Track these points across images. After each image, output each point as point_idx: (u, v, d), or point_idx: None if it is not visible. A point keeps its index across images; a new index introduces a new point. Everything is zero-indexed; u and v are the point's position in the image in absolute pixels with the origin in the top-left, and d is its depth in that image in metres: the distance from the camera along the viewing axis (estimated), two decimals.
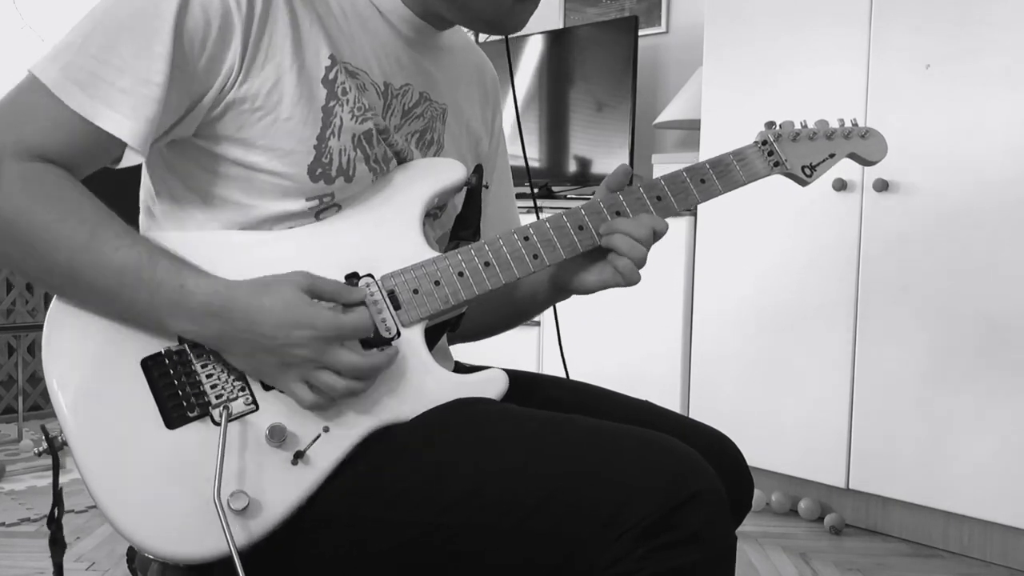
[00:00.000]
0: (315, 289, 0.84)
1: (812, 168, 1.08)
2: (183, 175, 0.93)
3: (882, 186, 2.17)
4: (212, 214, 0.92)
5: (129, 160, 0.85)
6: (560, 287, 1.06)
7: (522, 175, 1.38)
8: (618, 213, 0.99)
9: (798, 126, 1.08)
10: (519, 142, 1.30)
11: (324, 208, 0.93)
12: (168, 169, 0.94)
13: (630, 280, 0.98)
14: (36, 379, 3.53)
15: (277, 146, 0.88)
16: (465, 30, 1.09)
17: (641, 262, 0.97)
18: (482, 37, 3.60)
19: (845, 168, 2.22)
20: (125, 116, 0.82)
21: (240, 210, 0.91)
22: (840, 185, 2.24)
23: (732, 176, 1.03)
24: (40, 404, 3.57)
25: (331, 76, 0.91)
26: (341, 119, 0.91)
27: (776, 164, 1.06)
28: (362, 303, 0.88)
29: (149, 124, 0.83)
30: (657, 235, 0.98)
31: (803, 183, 1.08)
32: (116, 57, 0.82)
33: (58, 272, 0.82)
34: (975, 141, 2.05)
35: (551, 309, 1.24)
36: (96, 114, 0.82)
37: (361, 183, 0.94)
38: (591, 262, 1.01)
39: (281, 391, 0.86)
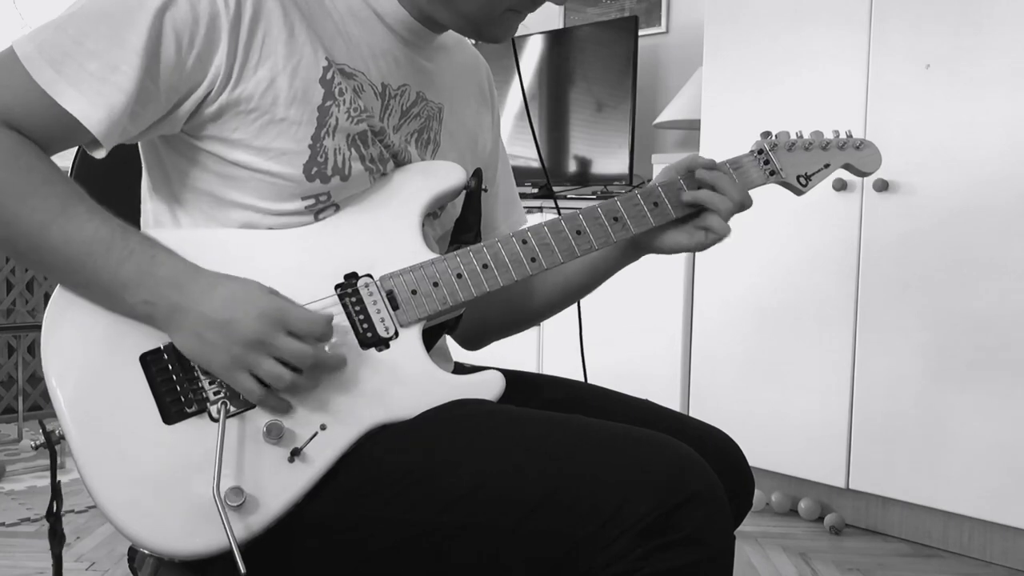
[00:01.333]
0: (277, 292, 0.84)
1: (807, 178, 1.09)
2: (180, 175, 0.93)
3: (882, 186, 2.17)
4: (210, 213, 0.93)
5: (101, 151, 0.85)
6: (639, 247, 1.07)
7: (530, 175, 1.38)
8: (616, 219, 1.00)
9: (793, 136, 1.10)
10: (524, 143, 1.30)
11: (322, 208, 0.93)
12: (166, 169, 0.95)
13: (721, 237, 1.03)
14: (36, 379, 3.53)
15: (272, 146, 0.89)
16: None
17: (727, 215, 1.02)
18: None
19: None
20: (84, 97, 0.82)
21: (237, 209, 0.91)
22: (840, 185, 2.24)
23: None
24: (40, 404, 3.57)
25: (328, 76, 0.91)
26: (337, 119, 0.91)
27: (772, 173, 1.08)
28: (327, 320, 0.84)
29: (111, 112, 0.83)
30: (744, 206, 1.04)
31: (798, 192, 1.10)
32: (91, 41, 0.83)
33: (23, 239, 0.82)
34: (975, 141, 2.05)
35: (575, 314, 1.23)
36: (58, 91, 0.82)
37: (358, 183, 0.94)
38: (678, 225, 1.04)
39: (226, 382, 0.84)
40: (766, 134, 1.09)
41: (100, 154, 0.86)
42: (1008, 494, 2.02)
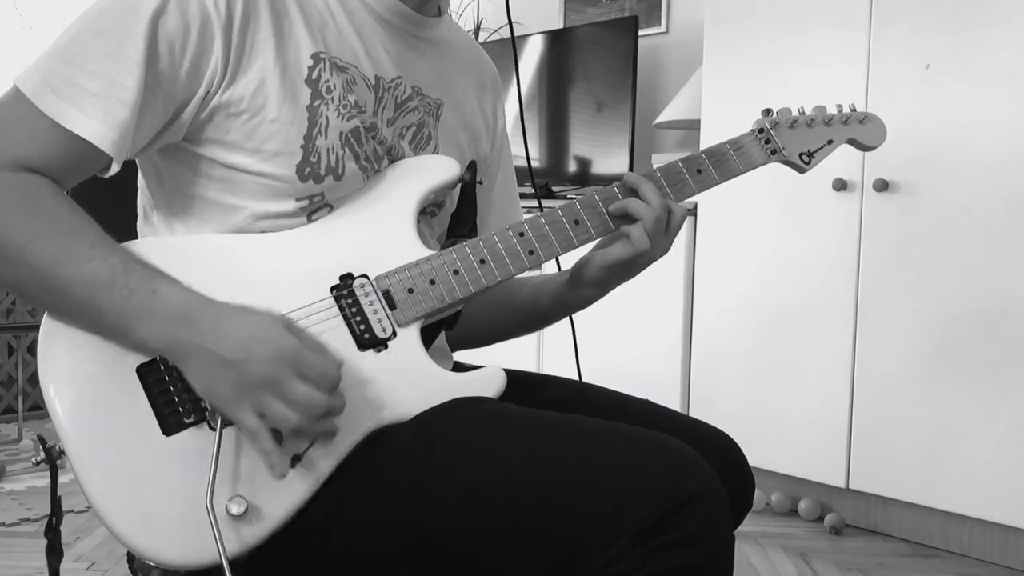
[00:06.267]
0: (292, 328, 0.83)
1: (810, 155, 1.07)
2: (173, 180, 0.93)
3: (882, 186, 2.17)
4: (204, 217, 0.92)
5: (113, 168, 0.85)
6: (572, 277, 1.03)
7: (524, 175, 1.38)
8: None
9: (795, 113, 1.07)
10: (522, 141, 1.30)
11: (316, 209, 0.92)
12: (159, 175, 0.94)
13: (640, 247, 0.95)
14: (36, 379, 3.52)
15: (264, 148, 0.88)
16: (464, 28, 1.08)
17: (654, 225, 0.95)
18: (482, 36, 3.59)
19: (845, 168, 2.22)
20: (93, 118, 0.82)
21: (231, 212, 0.91)
22: (840, 185, 2.24)
23: (729, 166, 1.03)
24: (40, 404, 3.57)
25: (314, 76, 0.91)
26: (327, 118, 0.91)
27: (773, 152, 1.05)
28: (338, 367, 0.82)
29: (120, 128, 0.83)
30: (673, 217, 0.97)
31: (801, 170, 1.07)
32: (90, 62, 0.83)
33: (31, 282, 0.82)
34: (975, 141, 2.04)
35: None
36: (66, 117, 0.82)
37: (352, 182, 0.94)
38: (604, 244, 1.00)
39: (227, 416, 0.82)
40: (767, 111, 1.06)
41: (111, 172, 0.86)
42: (1008, 494, 2.02)
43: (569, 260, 1.05)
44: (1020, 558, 2.07)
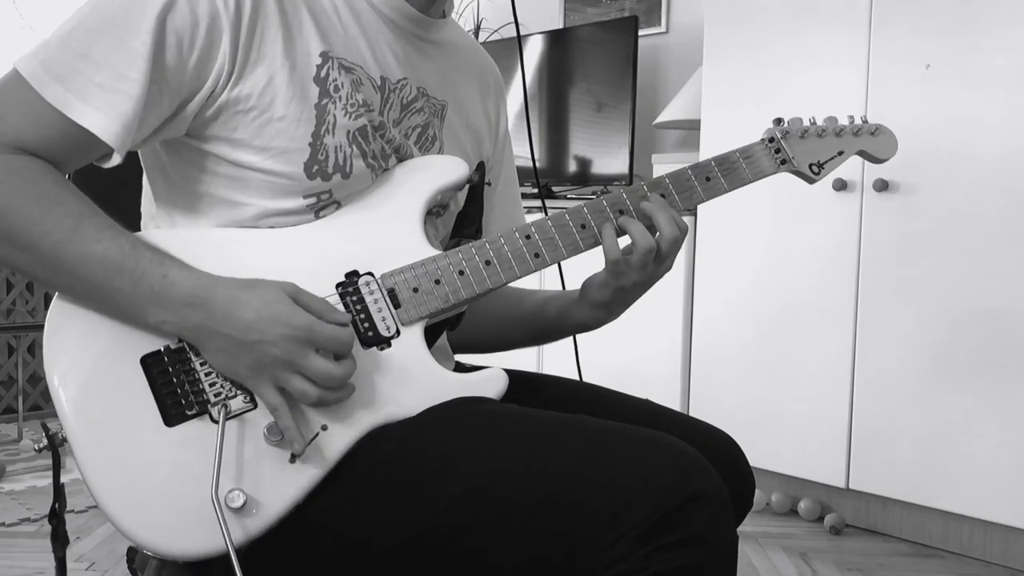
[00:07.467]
0: (299, 298, 0.84)
1: (820, 166, 1.06)
2: (180, 177, 0.93)
3: (882, 186, 2.17)
4: (210, 215, 0.93)
5: (115, 160, 0.85)
6: (581, 291, 1.05)
7: (527, 174, 1.38)
8: (621, 212, 0.98)
9: (806, 123, 1.06)
10: (527, 141, 1.30)
11: (323, 206, 0.92)
12: (166, 172, 0.94)
13: (647, 243, 0.96)
14: (36, 379, 3.53)
15: (272, 145, 0.88)
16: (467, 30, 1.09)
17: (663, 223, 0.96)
18: (482, 36, 3.60)
19: (845, 168, 2.22)
20: (98, 111, 0.82)
21: (238, 209, 0.91)
22: (840, 185, 2.24)
23: (738, 174, 1.02)
24: (40, 404, 3.57)
25: (323, 74, 0.91)
26: (335, 116, 0.91)
27: (783, 162, 1.05)
28: (347, 324, 0.85)
29: (123, 120, 0.83)
30: (680, 228, 0.98)
31: (811, 181, 1.07)
32: (96, 52, 0.83)
33: (41, 263, 0.82)
34: (975, 141, 2.05)
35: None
36: (70, 107, 0.82)
37: (360, 180, 0.94)
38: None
39: (256, 394, 0.84)
40: (778, 121, 1.05)
41: (112, 163, 0.86)
42: (1008, 494, 2.02)
43: (573, 270, 1.06)
44: (1020, 558, 2.08)
